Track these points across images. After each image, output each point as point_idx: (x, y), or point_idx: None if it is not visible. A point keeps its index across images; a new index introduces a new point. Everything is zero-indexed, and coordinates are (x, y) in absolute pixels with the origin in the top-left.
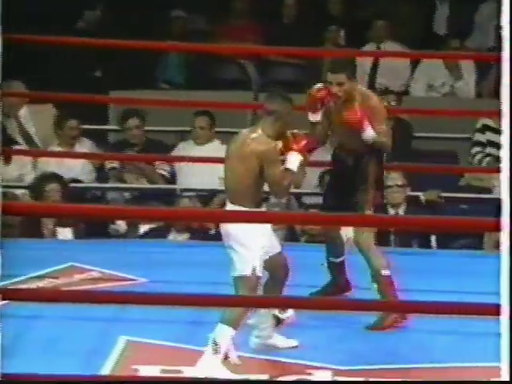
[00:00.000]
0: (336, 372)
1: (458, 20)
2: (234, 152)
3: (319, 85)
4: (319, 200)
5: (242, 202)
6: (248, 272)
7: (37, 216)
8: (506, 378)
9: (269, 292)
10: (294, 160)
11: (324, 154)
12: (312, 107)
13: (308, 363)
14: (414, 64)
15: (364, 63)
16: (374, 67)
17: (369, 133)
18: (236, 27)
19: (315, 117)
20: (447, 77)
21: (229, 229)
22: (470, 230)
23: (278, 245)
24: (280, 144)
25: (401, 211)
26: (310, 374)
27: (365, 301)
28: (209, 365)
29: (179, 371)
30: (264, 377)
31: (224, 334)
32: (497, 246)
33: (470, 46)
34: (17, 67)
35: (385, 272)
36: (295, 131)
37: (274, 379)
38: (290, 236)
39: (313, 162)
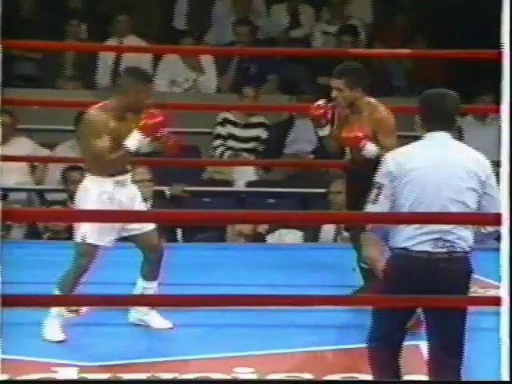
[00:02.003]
0: (82, 369)
1: (197, 15)
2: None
3: (320, 101)
4: (62, 196)
5: (92, 171)
6: (78, 239)
7: (36, 221)
8: (506, 377)
9: (145, 271)
10: (131, 138)
11: (67, 150)
12: (315, 123)
13: (53, 361)
14: (157, 59)
15: (107, 58)
16: (117, 62)
17: (369, 149)
18: None
19: (322, 131)
20: (189, 72)
21: None
22: (472, 224)
23: (148, 224)
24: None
25: (148, 206)
26: (55, 371)
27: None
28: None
29: None
30: (4, 377)
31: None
32: (240, 235)
33: (209, 41)
34: None
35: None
36: (152, 110)
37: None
38: (31, 233)
39: (55, 159)
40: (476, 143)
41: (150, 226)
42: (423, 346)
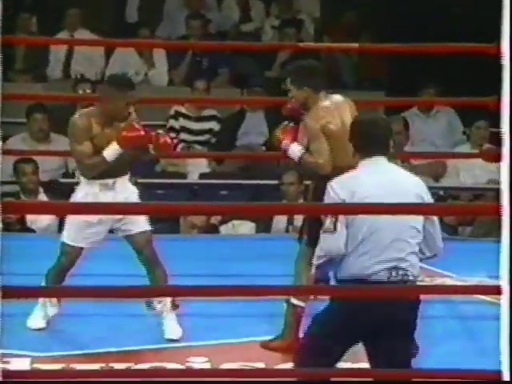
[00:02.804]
0: (34, 359)
1: (148, 9)
2: None
3: (285, 123)
4: (15, 188)
5: (80, 173)
6: (63, 238)
7: (35, 214)
8: (506, 378)
9: (147, 266)
10: (109, 149)
11: (19, 143)
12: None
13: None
14: (108, 53)
15: (59, 51)
16: (69, 55)
17: (291, 151)
18: None
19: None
20: (141, 65)
21: None
22: (471, 215)
23: (141, 223)
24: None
25: None
26: (7, 362)
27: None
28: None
29: None
30: None
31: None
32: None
33: (160, 34)
34: None
35: None
36: (134, 122)
37: None
38: None
39: (6, 151)
40: (421, 135)
41: (140, 228)
42: None
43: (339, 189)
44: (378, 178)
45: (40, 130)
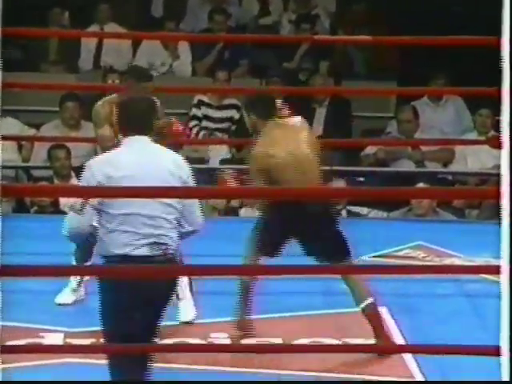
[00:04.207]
0: (67, 334)
1: (173, 4)
2: None
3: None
4: (48, 173)
5: None
6: None
7: (35, 197)
8: (506, 378)
9: None
10: None
11: (52, 130)
12: None
13: (39, 326)
14: (136, 45)
15: (89, 44)
16: (99, 47)
17: None
18: None
19: None
20: (166, 57)
21: None
22: (472, 198)
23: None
24: None
25: None
26: (42, 337)
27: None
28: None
29: None
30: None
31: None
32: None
33: (184, 28)
34: None
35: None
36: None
37: None
38: (19, 207)
39: (40, 138)
40: (431, 123)
41: None
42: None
43: (97, 170)
44: (136, 158)
45: (71, 118)
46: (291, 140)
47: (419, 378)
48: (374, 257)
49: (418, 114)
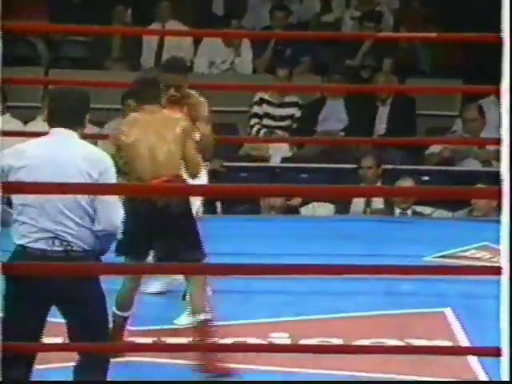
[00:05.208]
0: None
1: (234, 1)
2: None
3: None
4: None
5: None
6: None
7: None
8: (505, 378)
9: None
10: None
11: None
12: None
13: None
14: (197, 42)
15: (151, 41)
16: (160, 45)
17: None
18: (25, 5)
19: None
20: (227, 54)
21: None
22: (474, 197)
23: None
24: None
25: None
26: None
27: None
28: None
29: None
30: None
31: None
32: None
33: (246, 25)
34: None
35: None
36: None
37: None
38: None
39: (105, 135)
40: (497, 122)
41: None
42: (447, 312)
43: (1, 159)
44: (46, 149)
45: None
46: (154, 127)
47: (483, 378)
48: (438, 257)
49: (484, 112)
